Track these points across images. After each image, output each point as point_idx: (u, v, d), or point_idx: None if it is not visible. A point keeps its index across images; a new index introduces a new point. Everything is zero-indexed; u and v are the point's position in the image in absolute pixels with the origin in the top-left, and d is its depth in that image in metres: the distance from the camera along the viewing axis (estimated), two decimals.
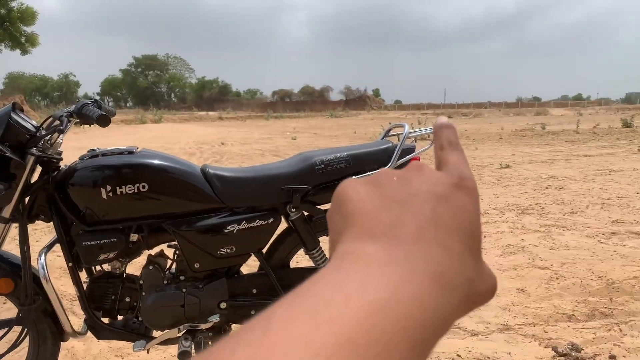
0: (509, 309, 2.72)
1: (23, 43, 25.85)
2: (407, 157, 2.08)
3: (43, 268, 1.76)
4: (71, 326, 1.83)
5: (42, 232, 4.52)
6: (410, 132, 2.10)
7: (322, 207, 2.04)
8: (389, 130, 2.32)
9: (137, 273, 1.99)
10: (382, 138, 2.28)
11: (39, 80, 64.21)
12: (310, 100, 62.52)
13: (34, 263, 1.81)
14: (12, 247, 2.13)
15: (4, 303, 3.04)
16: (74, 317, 2.74)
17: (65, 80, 66.61)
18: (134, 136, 17.16)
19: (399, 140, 2.18)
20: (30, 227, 1.83)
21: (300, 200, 1.96)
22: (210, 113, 40.61)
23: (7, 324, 1.87)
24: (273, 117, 38.63)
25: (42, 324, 1.88)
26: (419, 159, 2.13)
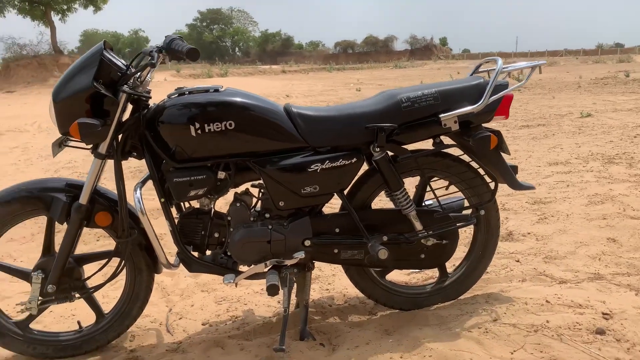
0: (599, 258, 2.58)
1: (96, 0, 26.65)
2: (500, 93, 1.95)
3: (139, 201, 1.82)
4: (166, 258, 1.91)
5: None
6: (503, 67, 1.96)
7: (408, 146, 1.98)
8: (479, 65, 2.18)
9: (222, 211, 2.03)
10: (472, 74, 2.15)
11: (111, 37, 66.59)
12: (374, 51, 60.86)
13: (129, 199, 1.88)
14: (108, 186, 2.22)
15: (97, 240, 3.25)
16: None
17: (135, 37, 68.69)
18: None
19: (489, 77, 2.05)
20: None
21: (385, 139, 1.90)
22: (274, 66, 40.63)
23: (107, 255, 1.99)
24: (335, 69, 38.11)
25: (137, 256, 1.97)
26: (512, 97, 2.00)
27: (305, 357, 1.86)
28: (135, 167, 4.89)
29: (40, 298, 1.89)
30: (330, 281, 2.58)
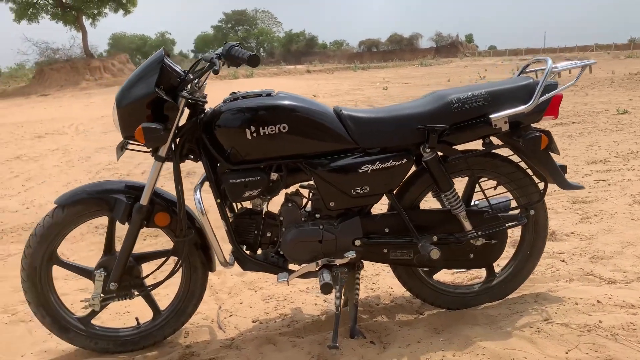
0: None
1: (125, 4, 27.30)
2: (550, 94, 1.96)
3: (199, 202, 1.89)
4: (224, 256, 1.97)
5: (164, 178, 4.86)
6: (553, 67, 1.96)
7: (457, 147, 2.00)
8: (527, 65, 2.19)
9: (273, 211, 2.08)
10: (519, 74, 2.16)
11: (138, 40, 67.92)
12: (399, 49, 60.36)
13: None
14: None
15: (144, 240, 3.34)
16: None
17: (162, 39, 69.85)
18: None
19: (537, 78, 2.06)
20: None
21: (436, 140, 1.93)
22: (298, 66, 40.70)
23: (164, 254, 2.06)
24: (360, 68, 37.96)
25: (193, 255, 2.04)
26: (561, 97, 2.00)
27: (357, 355, 1.90)
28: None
29: (102, 295, 1.97)
30: (375, 280, 2.62)
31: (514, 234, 2.67)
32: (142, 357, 2.03)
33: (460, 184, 2.13)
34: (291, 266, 2.07)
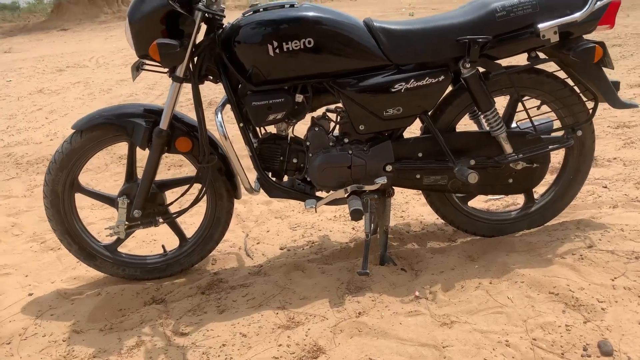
0: None
1: None
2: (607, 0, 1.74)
3: (221, 125, 1.79)
4: (249, 182, 1.89)
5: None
6: None
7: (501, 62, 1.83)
8: None
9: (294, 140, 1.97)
10: None
11: None
12: None
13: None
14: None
15: (168, 170, 3.30)
16: None
17: None
18: None
19: None
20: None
21: (478, 53, 1.75)
22: None
23: (188, 181, 1.99)
24: None
25: (218, 182, 1.97)
26: (619, 3, 1.79)
27: (387, 282, 1.84)
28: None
29: (126, 222, 1.93)
30: (404, 209, 2.53)
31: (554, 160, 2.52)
32: (170, 284, 2.01)
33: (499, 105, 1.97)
34: (319, 193, 1.99)
